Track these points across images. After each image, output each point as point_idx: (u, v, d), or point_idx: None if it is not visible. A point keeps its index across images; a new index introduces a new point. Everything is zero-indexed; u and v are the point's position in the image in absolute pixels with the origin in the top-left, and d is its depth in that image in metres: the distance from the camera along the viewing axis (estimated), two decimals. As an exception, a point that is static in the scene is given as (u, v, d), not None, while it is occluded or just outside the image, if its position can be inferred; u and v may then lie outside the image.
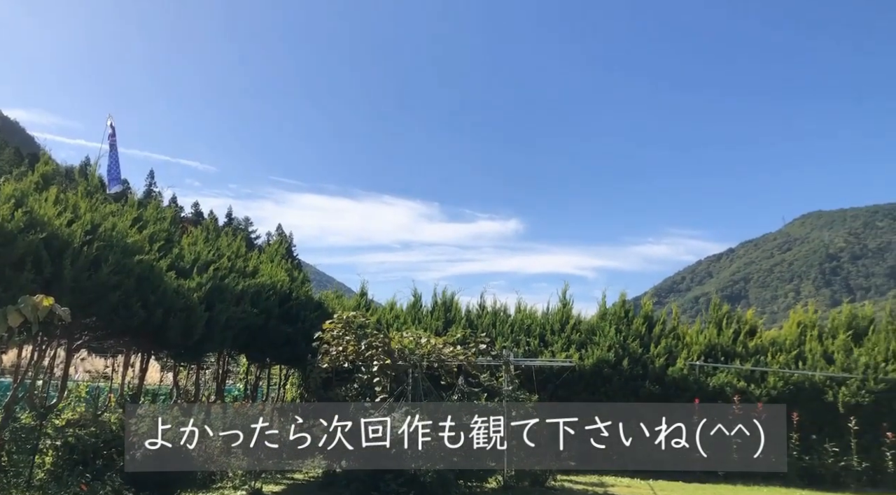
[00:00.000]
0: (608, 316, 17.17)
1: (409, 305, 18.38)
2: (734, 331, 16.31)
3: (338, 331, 12.19)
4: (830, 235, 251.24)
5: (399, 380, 12.27)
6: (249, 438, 10.98)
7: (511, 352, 13.48)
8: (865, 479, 13.76)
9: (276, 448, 12.10)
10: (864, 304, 17.15)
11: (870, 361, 14.55)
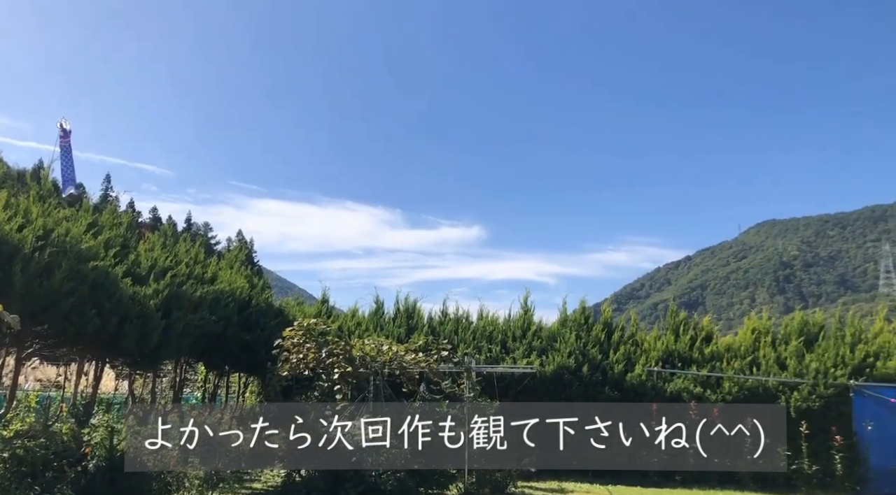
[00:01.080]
0: (569, 322, 17.35)
1: (372, 312, 18.31)
2: (691, 337, 16.62)
3: (298, 339, 12.09)
4: (784, 244, 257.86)
5: (360, 388, 12.21)
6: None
7: (473, 359, 13.50)
8: (815, 482, 14.11)
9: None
10: (815, 311, 17.59)
11: (820, 367, 14.96)
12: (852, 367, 14.86)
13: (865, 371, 14.82)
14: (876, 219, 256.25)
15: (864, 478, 14.03)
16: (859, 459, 14.11)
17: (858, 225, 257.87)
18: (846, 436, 14.15)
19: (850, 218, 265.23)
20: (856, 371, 14.83)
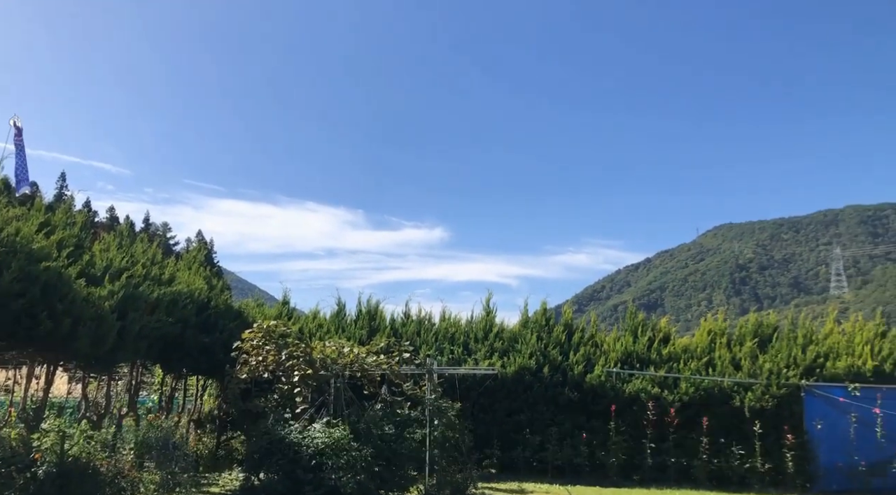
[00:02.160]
0: (530, 324, 17.48)
1: (333, 314, 18.18)
2: (649, 338, 16.88)
3: (258, 341, 11.98)
4: (740, 247, 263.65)
5: (321, 390, 12.14)
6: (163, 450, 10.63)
7: (435, 361, 13.53)
8: (768, 480, 14.47)
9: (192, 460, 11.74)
10: (768, 313, 18.03)
11: (773, 367, 15.33)
12: (804, 368, 15.27)
13: (816, 371, 15.24)
14: (827, 224, 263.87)
15: (814, 476, 14.44)
16: (810, 457, 14.52)
17: (811, 229, 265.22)
18: (797, 435, 14.55)
19: (804, 222, 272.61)
20: (807, 371, 15.24)
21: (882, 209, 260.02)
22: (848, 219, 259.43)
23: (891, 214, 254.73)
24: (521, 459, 15.39)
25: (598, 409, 15.64)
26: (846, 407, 14.57)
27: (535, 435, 15.50)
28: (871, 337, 15.90)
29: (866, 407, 14.43)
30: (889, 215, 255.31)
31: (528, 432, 15.55)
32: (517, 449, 15.46)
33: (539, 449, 15.39)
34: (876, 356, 15.36)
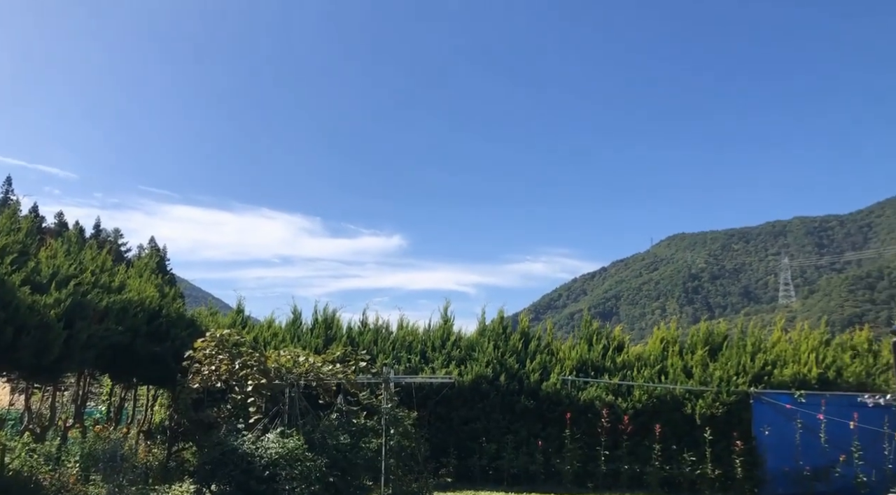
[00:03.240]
0: (487, 332, 17.56)
1: (289, 322, 18.00)
2: (603, 346, 17.12)
3: (210, 350, 11.77)
4: (692, 256, 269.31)
5: (275, 400, 11.98)
6: (111, 462, 10.36)
7: (392, 370, 13.47)
8: (718, 485, 14.78)
9: (140, 472, 11.47)
10: (719, 322, 18.48)
11: (723, 375, 15.69)
12: (752, 375, 15.66)
13: (764, 378, 15.65)
14: (776, 234, 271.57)
15: (762, 480, 14.81)
16: (758, 462, 14.88)
17: (760, 239, 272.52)
18: (746, 441, 14.90)
19: (753, 232, 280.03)
20: (755, 378, 15.63)
21: (827, 221, 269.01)
22: (795, 231, 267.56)
23: (836, 226, 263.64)
24: (477, 467, 15.43)
25: (553, 417, 15.77)
26: (792, 413, 14.99)
27: (491, 443, 15.56)
28: (816, 345, 16.42)
29: (811, 414, 14.87)
30: (834, 227, 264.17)
31: (484, 440, 15.59)
32: (473, 458, 15.49)
33: (495, 457, 15.46)
34: (820, 364, 15.86)
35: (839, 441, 14.65)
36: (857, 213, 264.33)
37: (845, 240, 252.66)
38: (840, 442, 14.64)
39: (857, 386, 15.32)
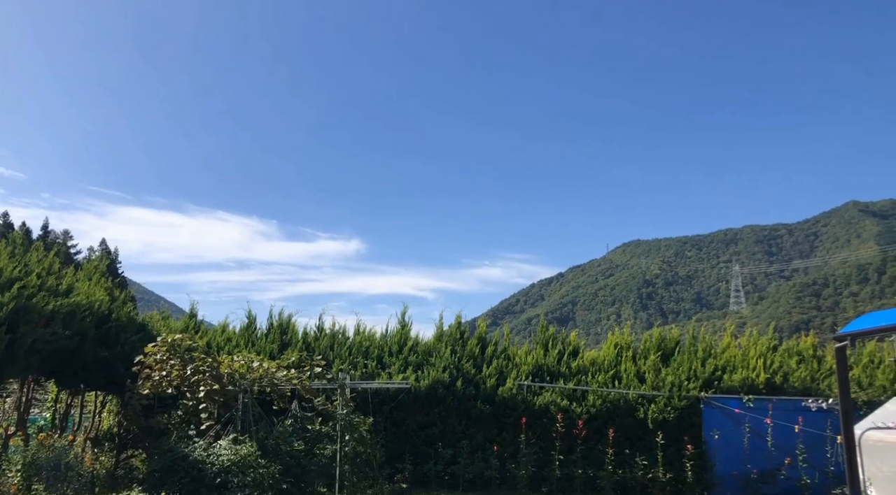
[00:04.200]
0: (444, 337, 17.57)
1: (243, 327, 17.72)
2: (559, 351, 17.29)
3: (162, 355, 11.54)
4: (647, 263, 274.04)
5: (228, 406, 11.80)
6: (55, 471, 10.06)
7: (347, 375, 13.39)
8: (669, 489, 15.03)
9: (87, 480, 11.14)
10: (671, 327, 18.81)
11: (675, 380, 15.99)
12: (703, 380, 16.00)
13: (714, 383, 16.00)
14: (728, 242, 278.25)
15: (711, 484, 15.13)
16: (707, 466, 15.20)
17: (713, 247, 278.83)
18: (696, 445, 15.21)
19: (706, 240, 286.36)
20: (706, 383, 15.97)
21: (776, 229, 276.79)
22: (746, 238, 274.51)
23: (784, 234, 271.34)
24: (432, 473, 15.41)
25: (509, 422, 15.86)
26: (741, 418, 15.36)
27: (447, 448, 15.56)
28: (764, 350, 16.85)
29: (759, 418, 15.26)
30: (783, 235, 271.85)
31: (440, 445, 15.59)
32: (429, 463, 15.47)
33: (451, 463, 15.47)
34: (768, 369, 16.28)
35: (785, 444, 15.07)
36: (805, 223, 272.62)
37: (793, 248, 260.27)
38: (786, 446, 15.07)
39: (802, 390, 15.78)
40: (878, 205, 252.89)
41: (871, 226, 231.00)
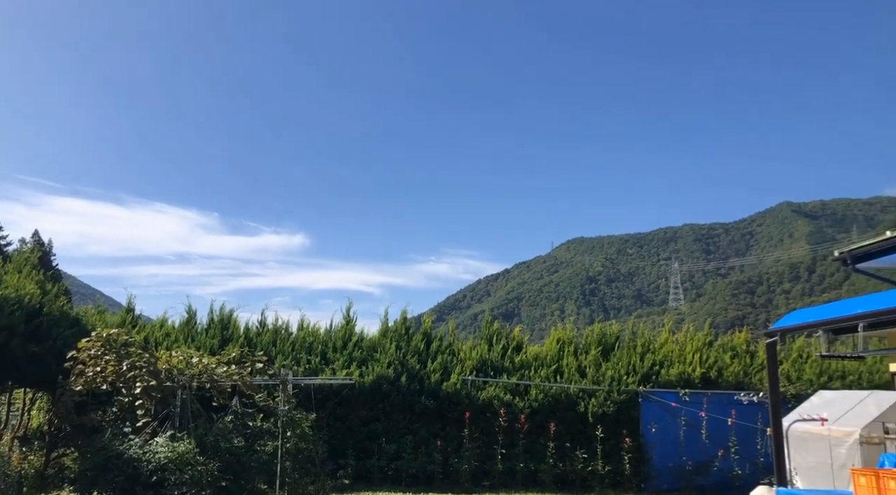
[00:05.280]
0: (390, 333, 17.53)
1: (183, 322, 17.32)
2: (503, 346, 17.46)
3: (96, 350, 11.19)
4: (590, 260, 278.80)
5: (166, 403, 11.52)
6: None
7: (290, 371, 13.23)
8: (608, 482, 15.39)
9: (14, 480, 10.73)
10: (611, 323, 19.20)
11: (615, 374, 16.36)
12: (641, 375, 16.41)
13: (652, 378, 16.43)
14: (667, 240, 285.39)
15: (648, 476, 15.55)
16: (645, 459, 15.62)
17: (653, 244, 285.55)
18: (634, 438, 15.61)
19: (647, 238, 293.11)
20: (644, 378, 16.39)
21: (714, 229, 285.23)
22: (685, 237, 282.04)
23: (721, 233, 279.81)
24: (376, 468, 15.38)
25: (453, 417, 15.95)
26: (677, 411, 15.83)
27: (390, 443, 15.55)
28: (700, 346, 17.39)
29: (694, 411, 15.76)
30: (720, 234, 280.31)
31: (384, 441, 15.57)
32: (372, 459, 15.44)
33: (394, 458, 15.47)
34: (704, 364, 16.81)
35: (718, 437, 15.61)
36: (741, 222, 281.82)
37: (730, 246, 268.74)
38: (719, 438, 15.60)
39: (735, 385, 16.36)
40: (809, 207, 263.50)
41: (803, 226, 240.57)
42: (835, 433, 10.65)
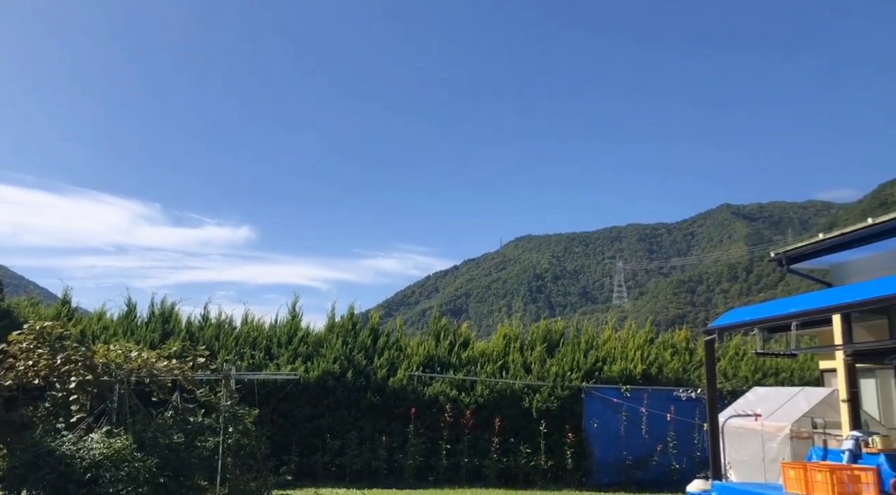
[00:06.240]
0: (336, 328, 17.40)
1: (122, 315, 16.86)
2: (450, 342, 17.53)
3: (28, 343, 10.77)
4: (538, 257, 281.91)
5: (102, 398, 11.17)
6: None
7: (233, 366, 12.99)
8: (550, 476, 15.63)
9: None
10: (557, 320, 19.50)
11: (559, 370, 16.61)
12: (585, 371, 16.70)
13: (595, 374, 16.74)
14: (612, 239, 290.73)
15: (589, 471, 15.85)
16: (586, 453, 15.91)
17: (599, 243, 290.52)
18: (577, 433, 15.89)
19: (592, 237, 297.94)
20: (587, 374, 16.68)
21: (657, 229, 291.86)
22: (629, 236, 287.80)
23: (664, 233, 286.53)
24: (319, 464, 15.26)
25: (399, 412, 15.94)
26: (618, 407, 16.17)
27: (335, 439, 15.45)
28: (641, 343, 17.79)
29: (635, 407, 16.12)
30: (662, 234, 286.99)
31: (328, 437, 15.46)
32: (316, 455, 15.31)
33: (338, 454, 15.37)
34: (645, 360, 17.21)
35: (658, 432, 16.01)
36: (683, 223, 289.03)
37: (672, 246, 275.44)
38: (659, 433, 16.01)
39: (675, 381, 16.80)
40: (747, 209, 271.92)
41: (741, 227, 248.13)
42: (767, 428, 11.05)
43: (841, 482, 6.65)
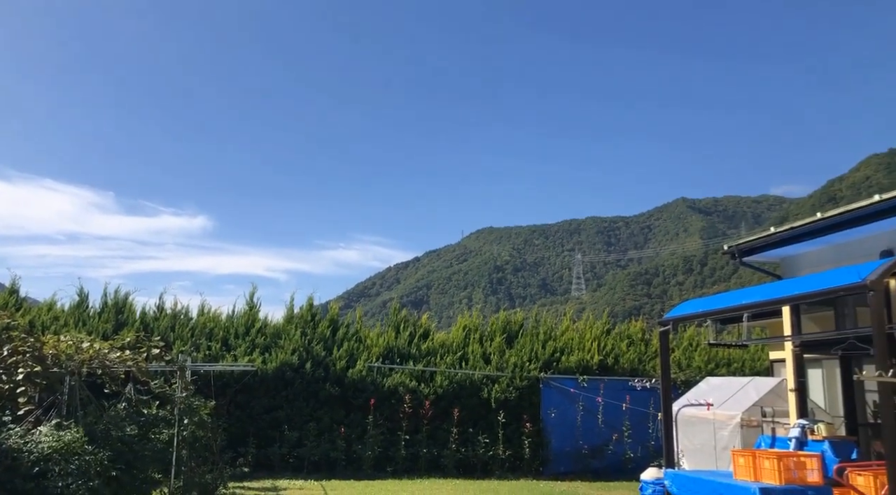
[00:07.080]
0: (295, 319, 17.26)
1: (73, 305, 16.45)
2: (410, 333, 17.54)
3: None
4: (499, 249, 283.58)
5: (52, 390, 10.89)
6: None
7: (188, 357, 12.79)
8: (508, 466, 15.78)
9: None
10: (516, 311, 19.67)
11: (518, 361, 16.76)
12: (543, 361, 16.89)
13: (553, 364, 16.94)
14: (572, 232, 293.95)
15: (547, 460, 16.06)
16: (544, 443, 16.12)
17: (558, 236, 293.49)
18: (535, 423, 16.07)
19: (552, 229, 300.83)
20: (545, 365, 16.87)
21: (615, 222, 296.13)
22: (588, 229, 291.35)
23: (622, 227, 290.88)
24: (277, 456, 15.15)
25: (358, 403, 15.90)
26: (575, 397, 16.40)
27: (293, 431, 15.35)
28: (598, 334, 18.07)
29: (591, 397, 16.37)
30: (620, 227, 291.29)
31: (286, 428, 15.35)
32: (274, 446, 15.19)
33: (297, 445, 15.28)
34: (602, 351, 17.48)
35: (614, 421, 16.30)
36: (640, 216, 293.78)
37: (629, 239, 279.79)
38: (614, 423, 16.30)
39: (631, 371, 17.11)
40: (702, 203, 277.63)
41: (697, 221, 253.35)
42: (719, 417, 11.34)
43: (787, 468, 6.87)
